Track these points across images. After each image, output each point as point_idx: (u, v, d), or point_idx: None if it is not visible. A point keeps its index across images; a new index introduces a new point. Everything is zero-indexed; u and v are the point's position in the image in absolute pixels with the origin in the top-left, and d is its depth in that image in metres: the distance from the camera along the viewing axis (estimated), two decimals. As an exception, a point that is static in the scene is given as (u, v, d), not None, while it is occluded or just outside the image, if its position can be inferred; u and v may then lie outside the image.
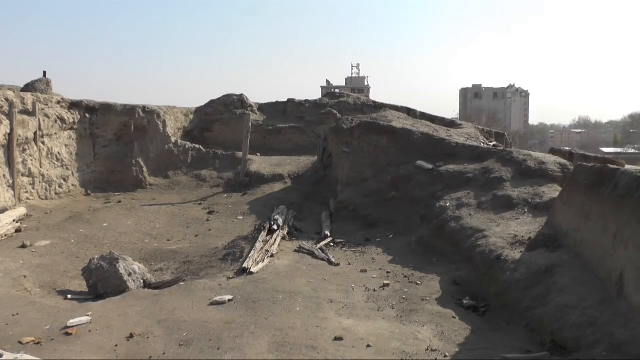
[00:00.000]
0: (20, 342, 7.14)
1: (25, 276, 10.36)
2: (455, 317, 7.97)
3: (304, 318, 7.79)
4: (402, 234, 12.81)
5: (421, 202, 13.64)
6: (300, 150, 24.12)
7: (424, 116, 24.76)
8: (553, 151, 15.39)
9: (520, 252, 9.06)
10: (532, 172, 12.78)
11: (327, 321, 7.69)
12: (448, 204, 12.51)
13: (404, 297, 8.90)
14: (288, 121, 26.15)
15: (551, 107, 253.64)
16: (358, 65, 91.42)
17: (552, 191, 11.61)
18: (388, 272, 10.29)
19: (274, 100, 27.81)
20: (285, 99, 27.79)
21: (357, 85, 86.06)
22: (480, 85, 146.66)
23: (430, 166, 14.67)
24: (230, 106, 26.27)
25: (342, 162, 16.86)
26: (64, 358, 6.62)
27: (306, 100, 27.61)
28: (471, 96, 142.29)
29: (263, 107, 27.34)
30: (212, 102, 26.66)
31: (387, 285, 9.48)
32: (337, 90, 39.63)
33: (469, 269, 9.70)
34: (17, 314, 8.17)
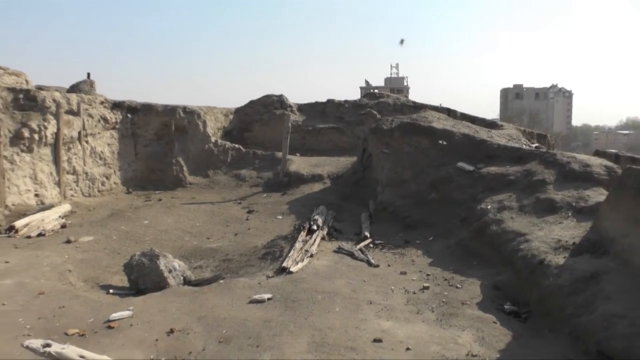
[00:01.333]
0: (66, 334, 7.38)
1: (70, 270, 10.67)
2: (496, 323, 7.86)
3: (343, 319, 7.79)
4: (441, 236, 12.68)
5: (461, 204, 13.46)
6: (339, 150, 24.14)
7: (464, 117, 24.52)
8: (598, 153, 15.06)
9: (564, 257, 8.85)
10: (577, 174, 12.46)
11: (366, 322, 7.68)
12: (489, 207, 12.35)
13: (444, 300, 8.81)
14: (327, 122, 26.17)
15: (596, 108, 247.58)
16: (397, 65, 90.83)
17: (597, 195, 11.30)
18: (428, 275, 10.21)
19: (313, 101, 27.89)
20: (324, 100, 27.86)
21: (396, 85, 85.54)
22: (522, 85, 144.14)
23: (471, 168, 14.50)
24: (269, 106, 26.42)
25: (381, 163, 16.78)
26: (107, 350, 6.76)
27: (345, 101, 27.58)
28: (512, 96, 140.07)
29: (302, 108, 27.42)
30: (251, 102, 26.84)
31: (427, 288, 9.40)
32: (376, 91, 39.49)
33: (510, 274, 9.54)
34: (63, 307, 8.44)
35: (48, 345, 6.15)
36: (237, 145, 22.89)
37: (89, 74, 23.73)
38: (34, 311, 8.24)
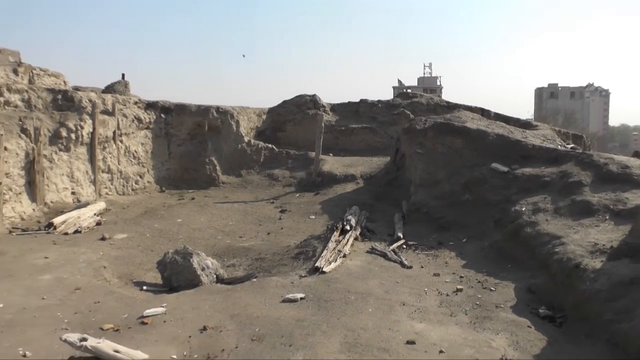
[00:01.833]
0: (101, 328, 7.55)
1: (104, 267, 10.91)
2: (530, 327, 7.76)
3: (376, 320, 7.78)
4: (475, 238, 12.56)
5: (495, 205, 13.32)
6: (372, 150, 24.06)
7: (498, 117, 24.23)
8: (637, 154, 14.79)
9: (601, 261, 8.69)
10: (614, 176, 12.17)
11: (399, 324, 7.66)
12: (523, 209, 12.20)
13: (478, 303, 8.75)
14: (360, 121, 26.13)
15: (635, 107, 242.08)
16: (430, 64, 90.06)
17: (636, 197, 10.99)
18: (461, 277, 10.14)
19: (346, 101, 27.84)
20: (356, 99, 27.81)
21: (429, 85, 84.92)
22: (557, 84, 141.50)
23: (505, 169, 14.33)
24: (302, 106, 26.47)
25: (414, 163, 16.70)
26: (141, 346, 6.88)
27: (379, 101, 27.50)
28: (546, 96, 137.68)
29: (335, 108, 27.41)
30: (284, 102, 26.93)
31: (460, 290, 9.34)
32: (409, 90, 39.30)
33: (545, 277, 9.41)
34: (98, 302, 8.65)
35: (84, 340, 6.33)
36: (270, 145, 23.01)
37: (123, 75, 24.16)
38: (71, 306, 8.46)
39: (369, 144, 25.02)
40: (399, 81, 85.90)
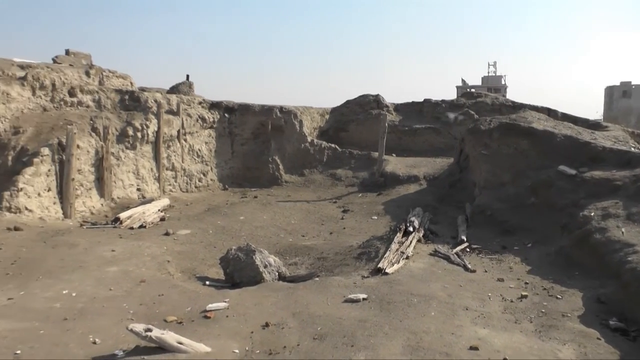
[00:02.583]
0: (165, 320, 7.75)
1: (168, 261, 11.19)
2: (600, 339, 7.43)
3: (438, 323, 7.67)
4: (540, 243, 12.21)
5: (562, 210, 12.90)
6: (435, 151, 23.85)
7: (566, 117, 23.55)
8: None
9: (679, 272, 8.31)
10: (692, 182, 11.67)
11: (462, 329, 7.52)
12: (592, 214, 11.76)
13: (543, 311, 8.47)
14: (424, 122, 25.91)
15: None
16: (495, 63, 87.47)
17: None
18: (526, 283, 9.86)
19: (410, 101, 27.68)
20: (419, 99, 27.66)
21: (493, 84, 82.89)
22: (630, 82, 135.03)
23: (573, 172, 13.88)
24: (365, 106, 26.42)
25: (479, 165, 16.43)
26: (204, 339, 6.99)
27: (442, 101, 27.20)
28: (618, 95, 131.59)
29: (399, 108, 27.27)
30: (348, 102, 26.95)
31: (525, 296, 9.08)
32: (473, 90, 38.62)
33: (616, 287, 8.99)
34: (162, 295, 8.88)
35: (149, 330, 6.52)
36: (333, 145, 23.05)
37: (188, 76, 24.76)
38: (136, 297, 8.72)
39: (432, 145, 24.81)
40: (463, 80, 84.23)
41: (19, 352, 6.49)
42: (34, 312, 7.87)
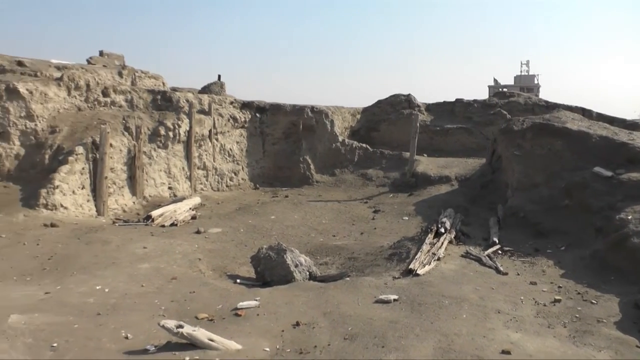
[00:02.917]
0: (196, 317, 7.83)
1: (200, 259, 11.32)
2: (639, 347, 7.23)
3: (470, 326, 7.59)
4: (574, 246, 11.95)
5: (597, 212, 12.55)
6: (467, 151, 23.65)
7: (601, 117, 23.04)
8: None
9: None
10: None
11: (494, 332, 7.42)
12: (630, 217, 11.47)
13: (577, 316, 8.31)
14: (455, 122, 25.69)
15: None
16: (527, 62, 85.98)
17: None
18: (559, 287, 9.67)
19: (441, 100, 27.48)
20: (451, 99, 27.43)
21: (526, 83, 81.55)
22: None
23: (609, 173, 13.54)
24: (397, 106, 26.31)
25: (511, 166, 16.20)
26: (235, 336, 7.04)
27: (474, 100, 26.91)
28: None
29: (430, 107, 27.09)
30: (379, 102, 26.86)
31: (559, 301, 8.92)
32: (504, 89, 38.19)
33: (655, 293, 8.78)
34: (193, 292, 8.98)
35: (181, 327, 6.63)
36: (364, 145, 23.01)
37: (219, 76, 25.03)
38: (167, 294, 8.84)
39: (464, 145, 24.59)
40: (495, 80, 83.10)
41: (55, 344, 6.65)
42: (69, 306, 8.04)
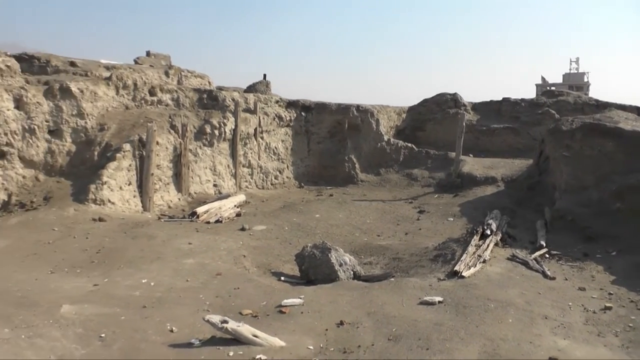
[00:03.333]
0: (240, 313, 7.90)
1: (244, 255, 11.42)
2: (698, 359, 6.87)
3: (516, 331, 7.42)
4: (626, 252, 11.54)
5: (652, 217, 12.20)
6: (514, 152, 23.29)
7: (658, 117, 22.40)
8: None
9: None
10: None
11: (541, 338, 7.22)
12: (686, 222, 11.08)
13: (631, 325, 7.95)
14: (502, 121, 25.32)
15: None
16: (577, 59, 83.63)
17: None
18: (610, 294, 9.33)
19: (488, 99, 27.12)
20: (497, 98, 27.02)
21: (575, 81, 79.39)
22: None
23: (665, 177, 13.15)
24: (443, 105, 26.07)
25: (560, 167, 15.82)
26: (278, 333, 7.07)
27: (522, 99, 26.44)
28: None
29: (476, 107, 26.76)
30: (425, 101, 26.66)
31: (609, 308, 8.59)
32: (553, 88, 37.43)
33: None
34: (238, 288, 9.06)
35: (225, 322, 6.69)
36: (409, 144, 22.90)
37: (265, 75, 25.30)
38: (212, 289, 8.94)
39: (510, 145, 24.21)
40: (543, 78, 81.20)
41: (103, 335, 6.83)
42: (116, 298, 8.24)
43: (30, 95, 14.57)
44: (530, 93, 62.07)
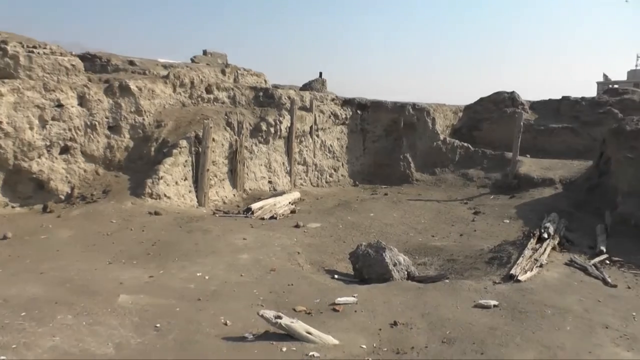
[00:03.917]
0: (294, 309, 7.93)
1: (298, 252, 11.47)
2: None
3: (574, 340, 7.18)
4: (696, 261, 11.05)
5: None
6: (573, 153, 22.68)
7: None
8: None
9: None
10: None
11: (602, 349, 6.96)
12: None
13: (703, 339, 7.56)
14: (561, 121, 24.69)
15: None
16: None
17: None
18: (678, 305, 8.91)
19: (546, 98, 26.52)
20: (556, 96, 26.44)
21: (640, 78, 76.33)
22: None
23: None
24: (500, 104, 25.60)
25: (623, 169, 15.33)
26: (332, 331, 7.06)
27: (582, 98, 25.70)
28: None
29: (534, 106, 26.21)
30: (481, 99, 26.26)
31: (677, 320, 8.20)
32: (616, 86, 36.27)
33: None
34: (292, 285, 9.12)
35: (279, 317, 6.74)
36: (465, 144, 22.62)
37: (320, 73, 25.34)
38: (266, 285, 9.01)
39: (569, 146, 23.56)
40: (605, 75, 78.46)
41: (158, 325, 6.99)
42: (171, 290, 8.41)
43: (92, 92, 14.98)
44: (591, 91, 60.25)
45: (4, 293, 7.70)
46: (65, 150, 14.55)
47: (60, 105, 14.27)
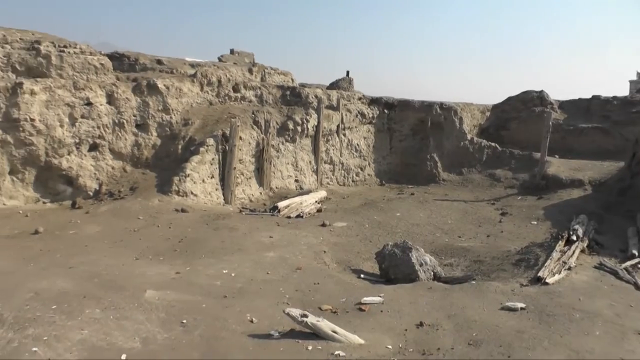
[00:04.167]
0: (320, 308, 7.96)
1: (324, 251, 11.50)
2: None
3: (604, 345, 7.06)
4: None
5: None
6: (603, 153, 22.29)
7: None
8: None
9: None
10: None
11: (634, 355, 6.83)
12: None
13: None
14: (591, 121, 24.30)
15: None
16: (681, 50, 78.34)
17: None
18: None
19: (576, 97, 26.12)
20: (586, 95, 25.97)
21: (678, 76, 74.22)
22: None
23: None
24: (528, 103, 25.31)
25: (655, 171, 15.05)
26: (358, 330, 7.06)
27: (614, 97, 25.24)
28: None
29: (564, 105, 25.84)
30: (509, 99, 25.98)
31: None
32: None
33: None
34: (318, 283, 9.14)
35: (305, 316, 6.77)
36: (492, 144, 22.42)
37: (348, 72, 25.34)
38: (292, 283, 9.05)
39: (599, 146, 23.18)
40: (638, 74, 76.95)
41: (185, 321, 7.06)
42: (197, 286, 8.48)
43: (120, 91, 15.19)
44: (623, 90, 59.24)
45: (35, 286, 7.85)
46: (93, 147, 14.79)
47: (89, 104, 14.51)
